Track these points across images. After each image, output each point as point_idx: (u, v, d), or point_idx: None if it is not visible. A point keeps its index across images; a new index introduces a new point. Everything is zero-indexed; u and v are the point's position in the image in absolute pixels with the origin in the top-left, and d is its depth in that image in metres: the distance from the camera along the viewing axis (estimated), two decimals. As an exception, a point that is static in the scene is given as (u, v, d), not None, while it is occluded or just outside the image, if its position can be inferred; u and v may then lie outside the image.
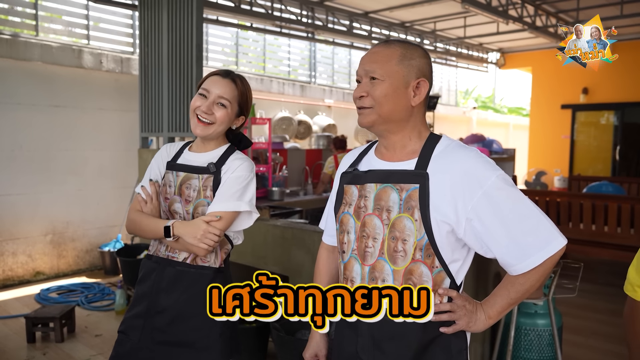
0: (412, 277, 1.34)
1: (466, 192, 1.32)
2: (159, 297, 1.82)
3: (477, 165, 1.34)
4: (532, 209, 1.32)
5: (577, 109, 11.07)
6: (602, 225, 5.29)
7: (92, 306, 4.78)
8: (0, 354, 3.72)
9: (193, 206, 1.84)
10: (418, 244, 1.33)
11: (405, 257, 1.34)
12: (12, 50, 5.37)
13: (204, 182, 1.84)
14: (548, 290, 2.90)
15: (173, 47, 4.96)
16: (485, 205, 1.31)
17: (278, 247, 3.65)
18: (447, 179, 1.33)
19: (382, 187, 1.39)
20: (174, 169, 1.91)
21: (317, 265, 1.69)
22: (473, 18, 8.80)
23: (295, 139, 8.41)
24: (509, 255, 1.32)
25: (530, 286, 1.34)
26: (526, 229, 1.31)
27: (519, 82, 20.22)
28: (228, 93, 1.84)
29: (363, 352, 1.40)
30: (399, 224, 1.34)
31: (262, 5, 7.25)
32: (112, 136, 6.26)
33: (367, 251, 1.39)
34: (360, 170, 1.47)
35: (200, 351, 1.81)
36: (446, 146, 1.40)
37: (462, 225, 1.33)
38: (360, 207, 1.42)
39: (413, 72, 1.39)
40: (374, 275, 1.38)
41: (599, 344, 3.91)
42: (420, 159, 1.38)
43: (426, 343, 1.36)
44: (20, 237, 5.56)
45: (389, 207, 1.36)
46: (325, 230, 1.68)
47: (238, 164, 1.86)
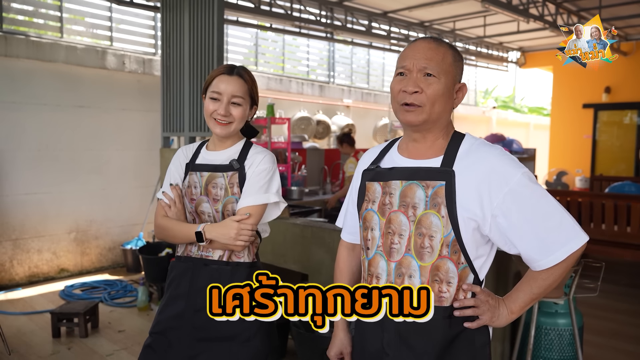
0: (439, 273, 1.36)
1: (492, 189, 1.34)
2: (197, 296, 1.84)
3: (502, 163, 1.36)
4: (556, 206, 1.35)
5: (599, 109, 10.90)
6: (625, 226, 5.22)
7: (115, 303, 4.87)
8: (27, 348, 3.82)
9: (222, 204, 1.86)
10: (445, 240, 1.35)
11: (432, 253, 1.36)
12: (38, 52, 5.49)
13: (230, 179, 1.86)
14: (569, 289, 2.88)
15: (194, 48, 5.03)
16: (511, 202, 1.33)
17: (298, 245, 3.68)
18: (473, 177, 1.35)
19: (408, 184, 1.40)
20: (197, 170, 1.92)
21: (337, 263, 1.70)
22: (493, 17, 8.74)
23: (314, 138, 8.45)
24: (533, 251, 1.34)
25: (552, 281, 1.37)
26: (550, 225, 1.33)
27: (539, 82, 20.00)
28: (240, 90, 1.86)
29: (389, 347, 1.41)
30: (425, 221, 1.36)
31: (281, 6, 7.30)
32: (134, 136, 6.36)
33: (394, 247, 1.41)
34: (383, 168, 1.49)
35: (242, 344, 1.83)
36: (471, 144, 1.43)
37: (487, 222, 1.35)
38: (385, 204, 1.43)
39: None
40: (401, 271, 1.40)
41: (621, 345, 3.86)
42: (446, 157, 1.40)
43: (451, 338, 1.38)
44: (45, 234, 5.69)
45: (414, 204, 1.38)
46: (344, 228, 1.70)
47: (260, 158, 1.89)
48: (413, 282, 1.38)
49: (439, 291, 1.37)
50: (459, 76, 1.43)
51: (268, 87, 8.05)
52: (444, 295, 1.37)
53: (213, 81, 1.87)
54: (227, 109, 1.84)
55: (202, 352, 1.85)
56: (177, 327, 1.86)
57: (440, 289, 1.37)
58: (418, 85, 1.37)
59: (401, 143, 1.53)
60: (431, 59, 1.38)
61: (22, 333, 4.10)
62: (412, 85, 1.37)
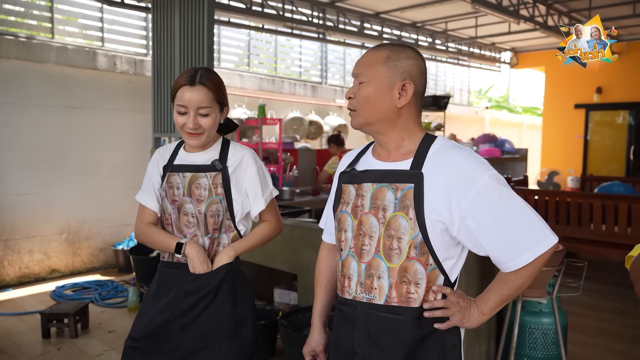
0: (407, 275, 1.38)
1: (460, 192, 1.35)
2: (186, 298, 1.87)
3: (470, 165, 1.37)
4: (524, 208, 1.36)
5: (590, 109, 10.97)
6: (612, 226, 5.26)
7: (105, 303, 4.87)
8: (16, 348, 3.82)
9: (206, 205, 1.87)
10: (412, 242, 1.36)
11: (400, 254, 1.38)
12: (28, 53, 5.49)
13: (213, 180, 1.88)
14: (552, 289, 2.91)
15: (185, 49, 5.04)
16: (479, 204, 1.34)
17: (287, 245, 3.71)
18: (441, 179, 1.36)
19: (379, 186, 1.42)
20: (177, 170, 1.92)
21: (317, 263, 1.73)
22: (484, 18, 8.78)
23: (306, 139, 8.46)
24: (502, 253, 1.35)
25: (522, 283, 1.38)
26: (518, 227, 1.34)
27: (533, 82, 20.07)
28: (205, 100, 1.82)
29: (359, 347, 1.44)
30: (394, 223, 1.38)
31: (273, 7, 7.31)
32: (125, 137, 6.37)
33: (364, 249, 1.43)
34: (358, 170, 1.51)
35: (230, 338, 1.88)
36: (441, 146, 1.43)
37: (455, 224, 1.36)
38: (357, 206, 1.46)
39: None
40: (370, 272, 1.41)
41: (607, 344, 3.90)
42: (415, 159, 1.41)
43: (420, 338, 1.40)
44: (36, 235, 5.69)
45: (384, 206, 1.40)
46: (325, 229, 1.72)
47: (246, 162, 1.93)
48: (382, 284, 1.40)
49: (406, 292, 1.39)
50: (400, 75, 1.41)
51: (260, 87, 8.06)
52: (412, 296, 1.39)
53: (177, 93, 1.83)
54: (195, 121, 1.83)
55: (193, 351, 1.87)
56: (164, 331, 1.88)
57: (408, 289, 1.39)
58: (352, 92, 1.46)
59: (375, 146, 1.55)
60: (361, 64, 1.45)
61: (12, 334, 4.10)
62: (347, 93, 1.48)
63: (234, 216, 1.91)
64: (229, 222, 1.92)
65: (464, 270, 1.53)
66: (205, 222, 1.89)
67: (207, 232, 1.90)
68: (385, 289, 1.39)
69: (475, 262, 2.91)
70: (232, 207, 1.90)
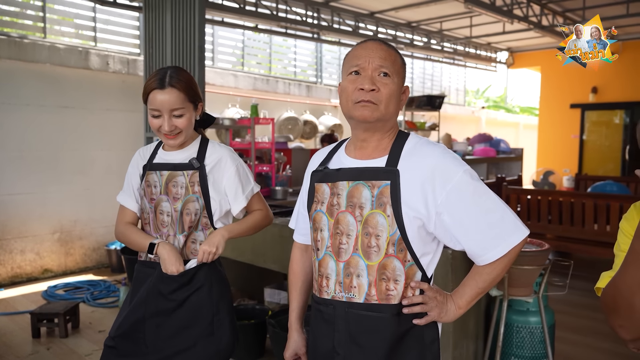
0: (386, 272, 1.38)
1: (436, 187, 1.36)
2: (157, 298, 1.88)
3: (444, 161, 1.38)
4: (497, 203, 1.38)
5: (586, 109, 10.99)
6: (605, 225, 5.27)
7: (97, 303, 4.87)
8: (6, 348, 3.82)
9: (182, 203, 1.88)
10: (391, 239, 1.37)
11: (379, 252, 1.38)
12: (20, 52, 5.48)
13: (190, 178, 1.89)
14: (538, 287, 2.91)
15: (177, 49, 5.04)
16: (454, 200, 1.36)
17: (277, 245, 3.70)
18: (417, 175, 1.37)
19: (354, 184, 1.42)
20: (155, 169, 1.93)
21: (290, 264, 1.71)
22: (479, 18, 8.79)
23: (301, 138, 8.47)
24: (476, 247, 1.38)
25: (496, 275, 1.40)
26: (492, 221, 1.37)
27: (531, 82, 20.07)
28: (177, 102, 1.81)
29: (340, 347, 1.43)
30: (371, 220, 1.38)
31: (267, 7, 7.31)
32: (118, 136, 6.36)
33: (342, 248, 1.42)
34: (331, 169, 1.50)
35: (206, 338, 1.87)
36: (415, 143, 1.44)
37: (432, 219, 1.38)
38: (333, 205, 1.45)
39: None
40: (349, 271, 1.41)
41: (596, 343, 3.91)
42: (391, 157, 1.42)
43: (400, 335, 1.40)
44: (28, 235, 5.68)
45: (361, 204, 1.40)
46: (296, 230, 1.71)
47: (224, 161, 1.93)
48: (361, 282, 1.40)
49: (386, 289, 1.39)
50: (404, 80, 1.47)
51: (255, 87, 8.06)
52: (392, 293, 1.39)
53: (149, 96, 1.82)
54: (171, 123, 1.83)
55: (168, 351, 1.87)
56: (139, 330, 1.88)
57: (387, 287, 1.39)
58: (374, 84, 1.37)
59: (348, 144, 1.54)
60: (386, 58, 1.40)
61: (2, 334, 4.09)
62: (369, 83, 1.37)
63: (212, 214, 1.91)
64: (206, 220, 1.92)
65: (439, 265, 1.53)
66: (181, 220, 1.89)
67: (183, 229, 1.90)
68: (365, 287, 1.39)
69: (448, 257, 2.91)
70: (210, 205, 1.90)
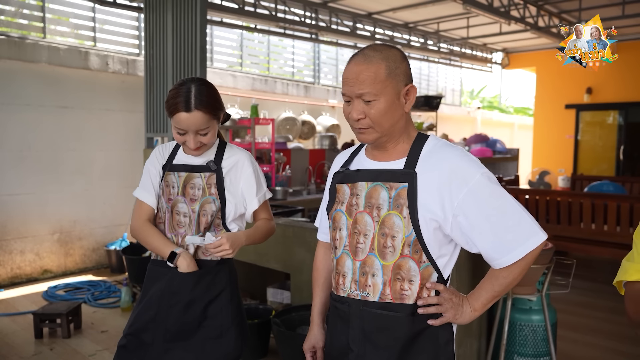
0: (401, 272, 1.40)
1: (453, 190, 1.37)
2: (171, 298, 1.90)
3: (462, 164, 1.40)
4: (515, 206, 1.39)
5: (581, 109, 11.07)
6: (602, 224, 5.32)
7: (98, 303, 4.87)
8: (9, 348, 3.82)
9: (199, 204, 1.91)
10: (406, 240, 1.39)
11: (394, 252, 1.40)
12: (20, 52, 5.47)
13: (207, 180, 1.92)
14: (541, 286, 2.95)
15: (177, 49, 5.05)
16: (471, 202, 1.37)
17: (280, 245, 3.72)
18: (434, 178, 1.39)
19: (373, 185, 1.45)
20: (174, 170, 1.96)
21: (315, 261, 1.76)
22: (476, 19, 8.84)
23: (299, 139, 8.48)
24: (493, 250, 1.38)
25: (512, 279, 1.41)
26: (509, 224, 1.37)
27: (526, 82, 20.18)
28: (202, 123, 1.82)
29: (354, 344, 1.46)
30: (388, 221, 1.40)
31: (265, 7, 7.33)
32: (118, 136, 6.36)
33: (359, 247, 1.45)
34: (352, 170, 1.53)
35: (215, 341, 1.89)
36: (433, 145, 1.46)
37: (449, 222, 1.39)
38: (352, 205, 1.48)
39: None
40: (365, 270, 1.44)
41: (598, 341, 3.95)
42: (409, 159, 1.44)
43: (414, 335, 1.42)
44: (28, 235, 5.67)
45: (379, 205, 1.42)
46: (320, 228, 1.75)
47: (242, 164, 1.96)
48: (376, 281, 1.42)
49: (400, 289, 1.41)
50: (402, 81, 1.42)
51: (253, 87, 8.07)
52: (406, 293, 1.41)
53: (174, 118, 1.81)
54: (196, 140, 1.85)
55: (177, 352, 1.89)
56: (151, 329, 1.90)
57: (402, 287, 1.41)
58: (361, 112, 1.40)
59: (369, 147, 1.57)
60: (364, 81, 1.38)
61: (4, 334, 4.09)
62: (356, 113, 1.41)
63: (225, 216, 1.94)
64: (219, 221, 1.94)
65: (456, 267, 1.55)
66: (198, 221, 1.92)
67: (199, 230, 1.92)
68: (380, 286, 1.42)
69: (466, 259, 2.95)
70: (225, 207, 1.93)
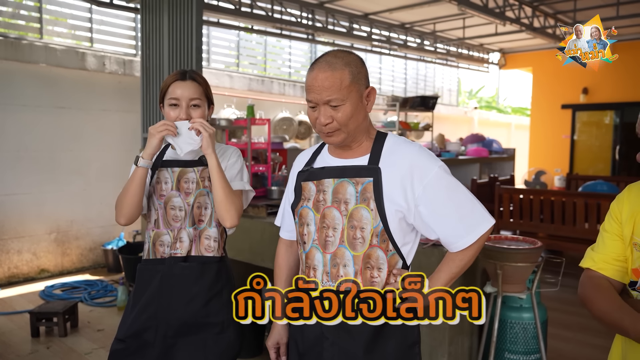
0: (370, 261, 1.51)
1: (414, 182, 1.51)
2: (170, 295, 1.92)
3: (421, 159, 1.53)
4: (468, 196, 1.54)
5: (577, 109, 11.12)
6: (595, 224, 5.36)
7: (94, 302, 4.90)
8: (5, 347, 3.85)
9: (194, 197, 1.95)
10: (374, 231, 1.50)
11: (364, 243, 1.51)
12: (17, 53, 5.50)
13: (201, 173, 1.97)
14: (531, 284, 2.99)
15: (174, 50, 5.08)
16: (430, 193, 1.51)
17: (274, 244, 3.72)
18: (396, 172, 1.51)
19: (339, 181, 1.55)
20: (166, 166, 1.99)
21: (276, 259, 1.82)
22: (472, 19, 8.87)
23: (296, 139, 8.51)
24: (450, 235, 1.53)
25: (467, 261, 1.56)
26: (463, 213, 1.53)
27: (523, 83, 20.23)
28: (196, 92, 1.93)
29: (328, 332, 1.53)
30: (356, 214, 1.51)
31: (262, 8, 7.36)
32: (115, 137, 6.39)
33: (328, 240, 1.54)
34: (316, 168, 1.62)
35: (216, 336, 1.93)
36: (393, 143, 1.59)
37: (412, 212, 1.52)
38: (319, 201, 1.57)
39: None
40: (336, 261, 1.53)
41: (588, 339, 3.99)
42: (372, 156, 1.56)
43: None
44: (25, 235, 5.70)
45: (346, 200, 1.53)
46: (282, 227, 1.81)
47: (229, 153, 2.02)
48: (347, 271, 1.52)
49: (370, 277, 1.52)
50: (364, 84, 1.52)
51: (250, 88, 8.10)
52: (376, 280, 1.52)
53: (169, 88, 1.93)
54: (188, 112, 1.92)
55: (178, 348, 1.92)
56: (152, 327, 1.93)
57: (372, 274, 1.52)
58: (328, 117, 1.50)
59: (330, 145, 1.65)
60: (330, 88, 1.47)
61: (1, 333, 4.12)
62: (324, 118, 1.50)
63: None
64: (212, 212, 1.98)
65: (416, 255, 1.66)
66: (192, 213, 1.95)
67: (193, 222, 1.96)
68: (351, 275, 1.51)
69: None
70: None
